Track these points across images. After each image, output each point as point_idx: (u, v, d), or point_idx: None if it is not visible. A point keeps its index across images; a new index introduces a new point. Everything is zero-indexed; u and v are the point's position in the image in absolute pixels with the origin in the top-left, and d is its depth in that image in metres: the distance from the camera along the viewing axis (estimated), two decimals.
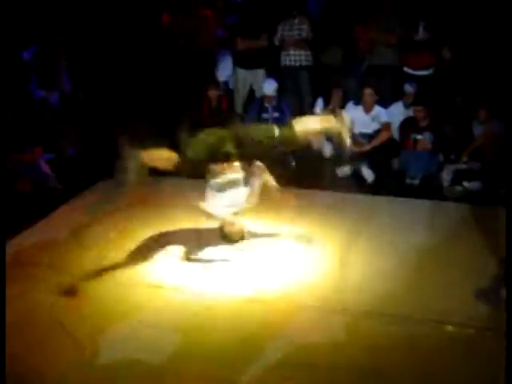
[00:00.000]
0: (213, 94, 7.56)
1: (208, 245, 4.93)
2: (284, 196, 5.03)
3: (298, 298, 4.19)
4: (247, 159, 4.77)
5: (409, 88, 7.16)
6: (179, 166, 4.60)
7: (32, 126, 6.72)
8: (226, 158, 4.64)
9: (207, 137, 4.65)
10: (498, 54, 6.70)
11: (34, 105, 7.19)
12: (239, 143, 4.53)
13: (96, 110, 7.70)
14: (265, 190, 4.91)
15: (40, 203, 5.96)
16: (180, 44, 8.07)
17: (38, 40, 7.53)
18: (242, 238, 4.98)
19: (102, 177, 6.72)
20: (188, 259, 4.75)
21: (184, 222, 5.29)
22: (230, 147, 4.56)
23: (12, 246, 4.98)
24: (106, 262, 4.73)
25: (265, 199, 4.92)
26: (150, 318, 3.96)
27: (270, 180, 4.94)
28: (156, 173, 6.65)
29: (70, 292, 4.28)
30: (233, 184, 4.78)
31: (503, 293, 3.76)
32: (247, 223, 5.04)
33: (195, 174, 4.95)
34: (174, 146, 4.89)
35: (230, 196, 4.76)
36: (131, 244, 5.01)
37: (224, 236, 4.94)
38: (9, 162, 6.09)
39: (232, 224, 4.85)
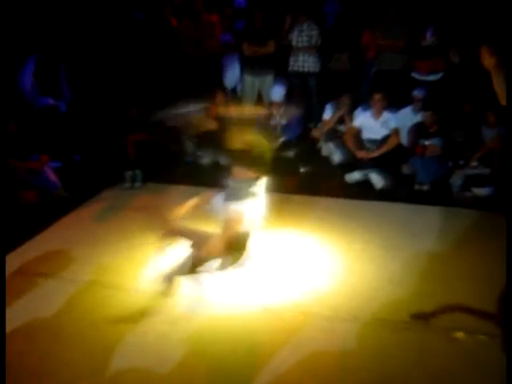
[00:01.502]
0: (220, 100, 7.55)
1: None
2: None
3: (307, 306, 4.14)
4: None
5: (417, 93, 7.13)
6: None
7: (38, 134, 6.71)
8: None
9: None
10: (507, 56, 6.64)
11: (40, 112, 7.17)
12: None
13: (101, 118, 7.69)
14: None
15: (46, 211, 5.95)
16: (187, 50, 8.08)
17: (38, 48, 7.53)
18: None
19: (107, 184, 6.73)
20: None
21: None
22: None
23: (17, 255, 4.97)
24: (112, 271, 4.71)
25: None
26: (156, 327, 3.92)
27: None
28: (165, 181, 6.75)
29: None
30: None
31: None
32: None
33: None
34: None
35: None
36: (137, 252, 4.99)
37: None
38: (15, 170, 6.10)
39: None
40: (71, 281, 4.57)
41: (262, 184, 4.46)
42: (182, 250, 4.32)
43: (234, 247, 4.45)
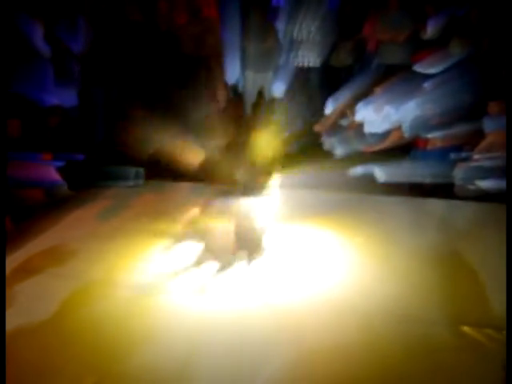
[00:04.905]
0: (222, 96, 7.54)
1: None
2: None
3: (310, 301, 4.14)
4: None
5: (420, 86, 7.09)
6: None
7: (41, 133, 6.70)
8: None
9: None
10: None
11: (45, 111, 7.14)
12: None
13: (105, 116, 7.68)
14: None
15: (51, 210, 5.95)
16: (187, 47, 8.03)
17: None
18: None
19: (110, 183, 6.72)
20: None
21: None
22: None
23: (22, 253, 4.97)
24: (115, 269, 4.71)
25: None
26: (158, 325, 3.91)
27: None
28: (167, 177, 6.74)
29: None
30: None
31: None
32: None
33: None
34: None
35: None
36: (141, 250, 4.99)
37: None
38: (18, 169, 6.09)
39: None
40: (74, 278, 4.56)
41: (272, 180, 4.52)
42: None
43: (247, 242, 4.53)
